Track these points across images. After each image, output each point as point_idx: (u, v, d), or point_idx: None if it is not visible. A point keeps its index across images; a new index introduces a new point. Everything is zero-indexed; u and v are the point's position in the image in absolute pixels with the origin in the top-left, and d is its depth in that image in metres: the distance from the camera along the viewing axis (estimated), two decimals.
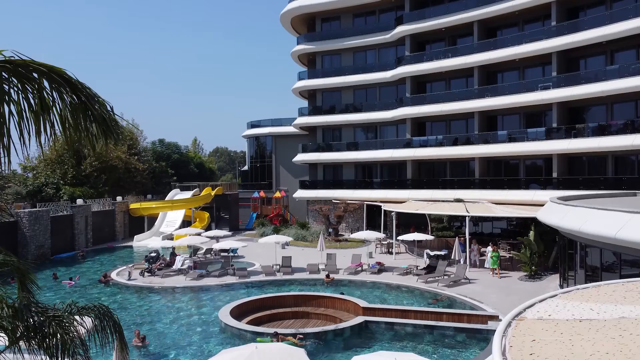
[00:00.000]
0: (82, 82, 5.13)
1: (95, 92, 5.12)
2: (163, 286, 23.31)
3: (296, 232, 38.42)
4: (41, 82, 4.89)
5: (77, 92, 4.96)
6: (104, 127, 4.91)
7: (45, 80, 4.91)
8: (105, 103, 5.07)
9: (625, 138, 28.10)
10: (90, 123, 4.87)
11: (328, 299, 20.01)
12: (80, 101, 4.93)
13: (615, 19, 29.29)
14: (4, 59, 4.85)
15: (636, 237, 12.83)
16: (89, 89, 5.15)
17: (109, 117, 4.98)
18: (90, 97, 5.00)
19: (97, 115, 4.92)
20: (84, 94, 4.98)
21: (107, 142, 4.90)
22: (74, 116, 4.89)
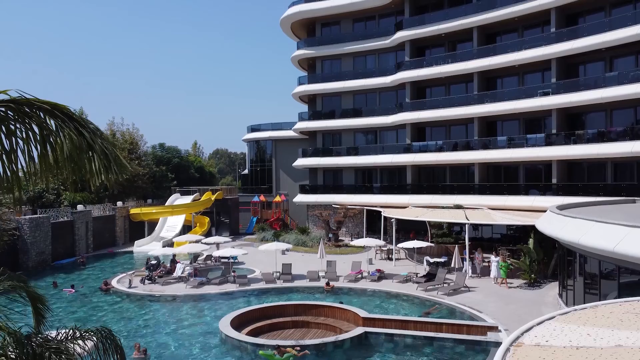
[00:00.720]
0: (85, 118, 5.22)
1: (97, 127, 5.21)
2: (163, 294, 23.36)
3: (296, 237, 38.52)
4: (45, 120, 4.98)
5: (80, 128, 5.05)
6: (105, 162, 4.98)
7: (48, 117, 5.01)
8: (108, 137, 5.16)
9: (625, 145, 28.17)
10: (92, 159, 4.94)
11: (328, 308, 20.06)
12: (82, 137, 5.01)
13: (614, 26, 29.36)
14: (8, 98, 4.94)
15: (634, 251, 12.89)
16: (92, 123, 5.24)
17: (111, 153, 5.05)
18: (93, 132, 5.08)
19: (99, 151, 4.99)
20: (87, 130, 5.06)
21: (108, 178, 4.96)
22: (77, 152, 4.97)
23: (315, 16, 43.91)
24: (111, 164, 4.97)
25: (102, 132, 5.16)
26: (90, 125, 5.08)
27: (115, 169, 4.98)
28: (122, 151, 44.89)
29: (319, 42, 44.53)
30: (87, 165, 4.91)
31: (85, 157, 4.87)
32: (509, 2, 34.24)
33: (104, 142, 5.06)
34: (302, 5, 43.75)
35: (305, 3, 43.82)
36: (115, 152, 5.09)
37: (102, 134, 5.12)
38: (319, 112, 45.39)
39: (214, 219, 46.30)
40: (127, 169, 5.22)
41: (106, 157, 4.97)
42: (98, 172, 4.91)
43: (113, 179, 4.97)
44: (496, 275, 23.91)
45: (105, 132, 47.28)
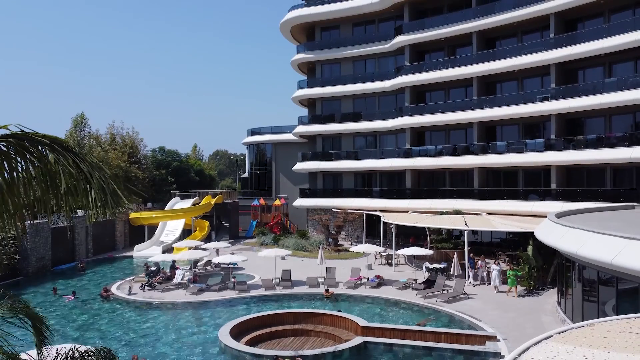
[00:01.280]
0: (84, 152, 5.26)
1: (97, 162, 5.25)
2: (163, 301, 23.40)
3: (296, 241, 38.55)
4: (45, 154, 5.03)
5: (79, 161, 5.09)
6: (102, 197, 5.02)
7: (48, 150, 5.05)
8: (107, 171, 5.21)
9: (624, 151, 28.21)
10: (89, 193, 4.99)
11: (327, 316, 20.11)
12: (80, 170, 5.05)
13: (613, 32, 29.40)
14: (8, 133, 4.99)
15: (632, 264, 12.93)
16: (91, 156, 5.29)
17: (109, 186, 5.09)
18: (91, 166, 5.12)
19: (97, 185, 5.03)
20: (85, 163, 5.11)
21: (105, 212, 5.01)
22: (75, 186, 5.01)
23: (314, 20, 43.96)
24: (108, 197, 5.01)
25: (100, 165, 5.20)
26: (88, 158, 5.13)
27: (112, 202, 5.03)
28: (122, 155, 44.99)
29: (318, 46, 44.58)
30: (85, 200, 4.97)
31: (83, 191, 4.92)
32: (508, 8, 34.29)
33: (102, 175, 5.10)
34: (301, 9, 43.82)
35: (304, 7, 43.90)
36: (113, 185, 5.13)
37: (101, 168, 5.16)
38: (318, 116, 45.44)
39: (213, 222, 46.33)
40: (124, 203, 5.26)
41: (103, 190, 5.02)
42: (95, 206, 4.95)
43: (109, 214, 5.02)
44: (497, 284, 23.62)
45: (105, 136, 47.64)
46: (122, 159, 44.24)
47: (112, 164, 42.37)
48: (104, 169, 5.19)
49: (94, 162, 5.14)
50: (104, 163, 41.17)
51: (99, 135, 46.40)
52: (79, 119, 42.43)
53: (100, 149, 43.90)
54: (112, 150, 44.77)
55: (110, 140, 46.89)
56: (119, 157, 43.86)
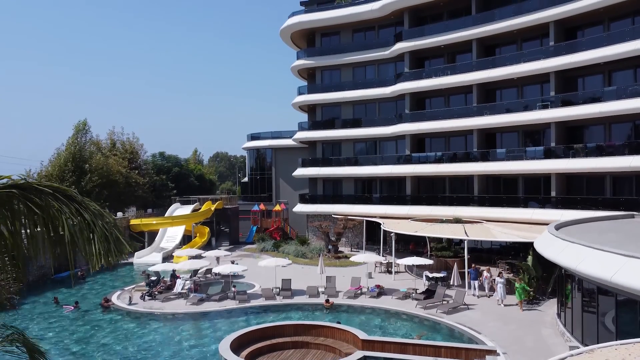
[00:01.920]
0: (87, 200, 5.32)
1: (100, 210, 5.31)
2: (163, 312, 23.44)
3: (296, 248, 38.63)
4: (47, 203, 5.08)
5: (81, 210, 5.15)
6: (105, 245, 5.08)
7: (51, 199, 5.11)
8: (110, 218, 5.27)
9: (624, 159, 28.26)
10: (92, 241, 5.04)
11: (327, 328, 20.11)
12: (83, 219, 5.11)
13: (612, 40, 29.46)
14: (12, 183, 5.05)
15: (631, 282, 12.97)
16: (93, 205, 5.34)
17: (112, 234, 5.15)
18: (95, 214, 5.18)
19: (100, 233, 5.09)
20: (88, 212, 5.17)
21: (108, 260, 5.07)
22: (78, 234, 5.07)
23: (315, 27, 44.05)
24: (111, 245, 5.07)
25: (103, 212, 5.26)
26: (91, 207, 5.18)
27: (115, 250, 5.09)
28: (122, 161, 45.06)
29: (318, 52, 44.65)
30: (88, 248, 5.02)
31: (86, 240, 4.98)
32: (507, 15, 34.37)
33: (105, 223, 5.16)
34: (301, 15, 43.90)
35: (305, 14, 43.98)
36: (115, 233, 5.19)
37: (104, 216, 5.22)
38: (318, 122, 45.52)
39: (214, 228, 46.39)
40: (127, 250, 5.32)
41: (106, 239, 5.08)
42: (99, 255, 5.01)
43: (113, 262, 5.08)
44: (502, 297, 23.20)
45: (105, 142, 47.71)
46: (123, 164, 44.31)
47: (113, 170, 42.46)
48: (106, 216, 5.25)
49: (96, 210, 5.20)
50: (105, 169, 41.39)
51: (100, 141, 46.48)
52: (80, 125, 42.51)
53: (101, 154, 43.97)
54: (113, 156, 44.84)
55: (111, 146, 46.95)
56: (119, 163, 43.92)
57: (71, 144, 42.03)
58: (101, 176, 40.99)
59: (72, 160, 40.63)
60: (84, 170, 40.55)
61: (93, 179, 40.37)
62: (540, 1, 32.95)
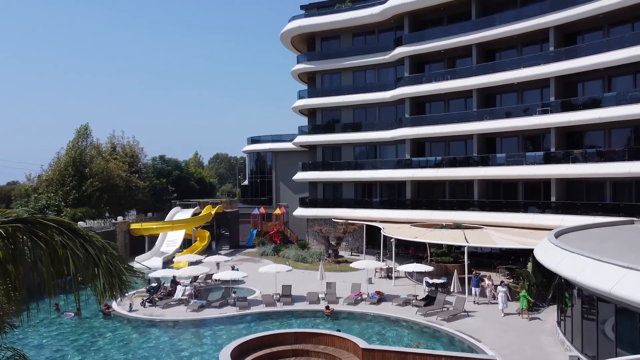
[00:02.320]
0: (91, 233, 5.36)
1: (104, 243, 5.35)
2: (164, 319, 23.47)
3: (296, 252, 38.67)
4: (52, 237, 5.13)
5: (86, 244, 5.19)
6: (110, 279, 5.12)
7: (56, 234, 5.15)
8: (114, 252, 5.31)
9: (623, 165, 28.31)
10: (97, 276, 5.09)
11: (328, 336, 20.15)
12: (87, 252, 5.16)
13: (612, 46, 29.51)
14: (18, 217, 5.09)
15: (631, 295, 13.01)
16: (97, 238, 5.39)
17: (116, 268, 5.20)
18: (99, 248, 5.23)
19: (105, 267, 5.14)
20: (92, 245, 5.21)
21: (113, 295, 5.11)
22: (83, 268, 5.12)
23: (315, 31, 44.10)
24: (116, 279, 5.12)
25: (106, 245, 5.31)
26: (95, 240, 5.23)
27: (120, 284, 5.13)
28: (122, 164, 45.08)
29: (318, 56, 44.68)
30: (93, 283, 5.07)
31: (92, 276, 5.03)
32: (507, 20, 34.42)
33: (110, 257, 5.21)
34: (301, 20, 43.95)
35: (305, 18, 44.04)
36: (120, 267, 5.24)
37: (108, 249, 5.27)
38: (318, 126, 45.57)
39: (214, 232, 46.42)
40: (131, 284, 5.37)
41: (111, 273, 5.12)
42: (104, 290, 5.06)
43: (118, 296, 5.12)
44: (504, 306, 22.95)
45: (105, 145, 47.74)
46: (123, 168, 44.34)
47: (113, 174, 42.47)
48: (110, 250, 5.29)
49: (101, 244, 5.25)
50: (105, 173, 41.39)
51: (100, 145, 46.53)
52: (82, 129, 42.58)
53: (101, 158, 43.99)
54: (113, 160, 44.88)
55: (111, 150, 46.99)
56: (119, 167, 43.96)
57: (71, 148, 42.04)
58: (102, 180, 41.00)
59: (72, 164, 40.65)
60: (84, 175, 40.56)
61: (94, 184, 40.37)
62: (540, 7, 33.01)
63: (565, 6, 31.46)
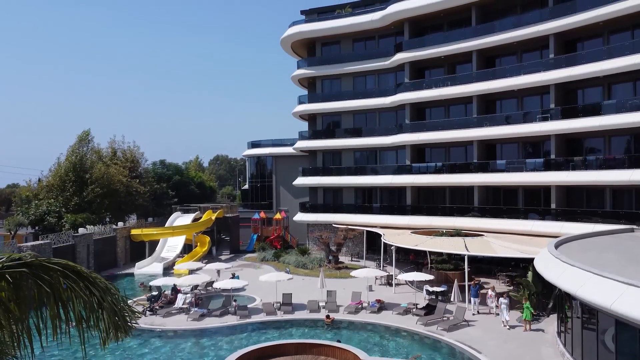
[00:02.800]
0: (94, 275, 5.40)
1: (107, 284, 5.39)
2: (164, 329, 23.50)
3: (296, 258, 38.73)
4: (57, 280, 5.17)
5: (91, 286, 5.23)
6: (114, 320, 5.16)
7: (60, 277, 5.19)
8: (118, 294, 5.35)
9: (623, 173, 28.35)
10: (102, 317, 5.13)
11: (328, 347, 20.18)
12: (92, 294, 5.20)
13: (612, 54, 29.57)
14: (23, 261, 5.13)
15: (631, 311, 13.05)
16: (100, 279, 5.43)
17: (121, 310, 5.24)
18: (103, 290, 5.27)
19: (109, 309, 5.18)
20: (97, 288, 5.25)
21: (117, 336, 5.15)
22: (87, 310, 5.16)
23: (315, 36, 44.17)
24: (120, 320, 5.15)
25: (110, 287, 5.35)
26: (99, 282, 5.27)
27: (124, 326, 5.17)
28: (123, 170, 45.11)
29: (319, 61, 44.74)
30: (97, 324, 5.11)
31: (96, 320, 5.06)
32: (508, 27, 34.49)
33: (114, 298, 5.25)
34: (302, 25, 44.02)
35: (305, 23, 44.10)
36: (124, 308, 5.28)
37: (112, 291, 5.31)
38: (319, 131, 45.63)
39: (214, 237, 46.46)
40: (132, 329, 5.41)
41: (115, 314, 5.16)
42: (108, 332, 5.10)
43: (122, 338, 5.16)
44: (506, 318, 22.71)
45: (106, 150, 47.77)
46: (123, 173, 44.38)
47: (114, 179, 42.50)
48: (113, 291, 5.33)
49: (104, 285, 5.29)
50: (105, 179, 41.39)
51: (100, 150, 46.56)
52: (84, 135, 42.65)
53: (102, 163, 44.02)
54: (114, 165, 44.92)
55: (112, 155, 47.04)
56: (120, 172, 44.00)
57: (71, 153, 42.06)
58: (102, 186, 41.02)
59: (72, 170, 40.67)
60: (84, 181, 40.58)
61: (95, 190, 40.38)
62: (540, 14, 33.09)
63: (565, 14, 31.53)
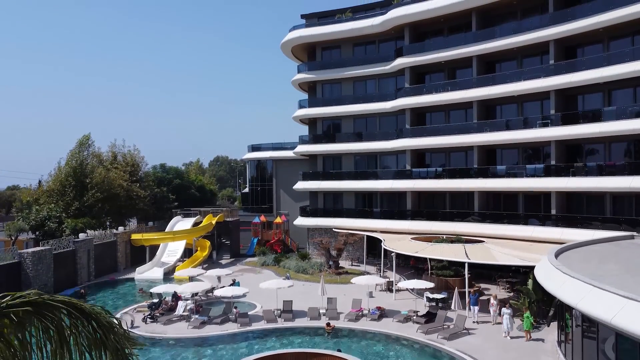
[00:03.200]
0: (99, 312, 5.42)
1: (110, 322, 5.41)
2: (165, 337, 23.51)
3: (297, 263, 38.80)
4: (60, 318, 5.19)
5: (93, 322, 5.26)
6: (118, 357, 5.19)
7: (64, 315, 5.22)
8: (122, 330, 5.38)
9: (624, 179, 28.38)
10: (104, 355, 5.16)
11: (329, 357, 20.21)
12: (95, 332, 5.22)
13: (612, 61, 29.60)
14: (27, 300, 5.15)
15: (631, 326, 13.07)
16: (104, 316, 5.44)
17: (123, 350, 5.26)
18: (107, 327, 5.29)
19: (112, 348, 5.20)
20: (100, 324, 5.28)
21: None
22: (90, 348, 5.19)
23: (315, 41, 44.19)
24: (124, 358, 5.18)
25: (114, 325, 5.37)
26: (102, 319, 5.29)
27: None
28: (123, 174, 45.15)
29: (319, 66, 44.76)
30: None
31: (98, 354, 5.09)
32: (508, 33, 34.52)
33: (117, 336, 5.27)
34: (302, 30, 44.05)
35: (305, 28, 44.13)
36: (127, 345, 5.30)
37: (115, 328, 5.33)
38: (319, 136, 45.66)
39: (214, 241, 46.50)
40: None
41: (117, 352, 5.19)
42: None
43: None
44: (508, 329, 22.47)
45: (106, 154, 47.78)
46: (124, 178, 44.42)
47: (114, 183, 42.52)
48: (116, 328, 5.35)
49: (107, 323, 5.31)
50: (106, 183, 41.41)
51: (101, 154, 46.61)
52: (84, 139, 42.70)
53: (103, 167, 44.05)
54: (114, 169, 44.96)
55: (112, 159, 47.08)
56: (120, 177, 44.03)
57: (71, 158, 42.08)
58: (103, 191, 41.03)
59: (73, 174, 40.70)
60: (85, 185, 40.60)
61: (95, 195, 40.39)
62: (541, 19, 33.12)
63: (566, 20, 31.56)
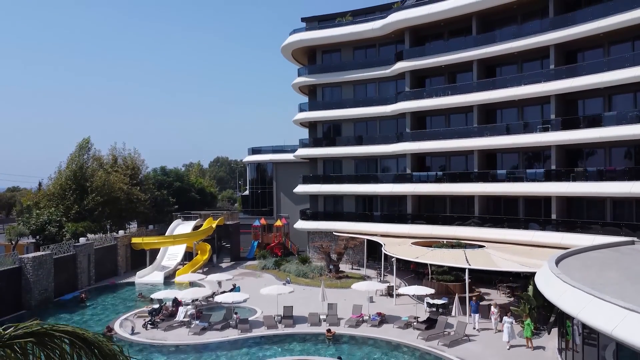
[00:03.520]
0: (102, 340, 5.42)
1: (113, 350, 5.41)
2: (166, 344, 23.51)
3: (297, 267, 38.79)
4: (63, 348, 5.19)
5: (96, 350, 5.26)
6: None
7: (67, 345, 5.22)
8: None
9: (624, 185, 28.37)
10: None
11: None
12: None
13: (612, 66, 29.57)
14: (30, 330, 5.15)
15: (632, 338, 13.07)
16: (107, 345, 5.44)
17: None
18: (109, 355, 5.29)
19: None
20: (102, 353, 5.28)
21: None
22: None
23: (315, 44, 44.18)
24: None
25: (117, 353, 5.37)
26: (105, 348, 5.29)
27: None
28: (124, 177, 45.12)
29: (319, 69, 44.76)
30: None
31: None
32: (508, 37, 34.52)
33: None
34: (302, 33, 44.05)
35: (306, 31, 44.12)
36: None
37: (117, 356, 5.33)
38: (319, 139, 45.65)
39: (215, 244, 46.50)
40: None
41: None
42: None
43: None
44: (510, 338, 22.23)
45: (107, 157, 47.74)
46: (124, 181, 44.40)
47: (114, 187, 42.51)
48: (119, 356, 5.35)
49: (110, 352, 5.31)
50: (106, 187, 41.39)
51: (101, 157, 46.60)
52: (84, 142, 42.69)
53: (103, 171, 44.03)
54: (114, 172, 44.94)
55: (112, 162, 47.07)
56: (120, 180, 44.02)
57: (72, 161, 42.06)
58: (103, 194, 41.00)
59: (73, 178, 40.68)
60: (85, 189, 40.58)
61: (96, 199, 40.36)
62: (541, 24, 33.12)
63: (566, 25, 31.57)
